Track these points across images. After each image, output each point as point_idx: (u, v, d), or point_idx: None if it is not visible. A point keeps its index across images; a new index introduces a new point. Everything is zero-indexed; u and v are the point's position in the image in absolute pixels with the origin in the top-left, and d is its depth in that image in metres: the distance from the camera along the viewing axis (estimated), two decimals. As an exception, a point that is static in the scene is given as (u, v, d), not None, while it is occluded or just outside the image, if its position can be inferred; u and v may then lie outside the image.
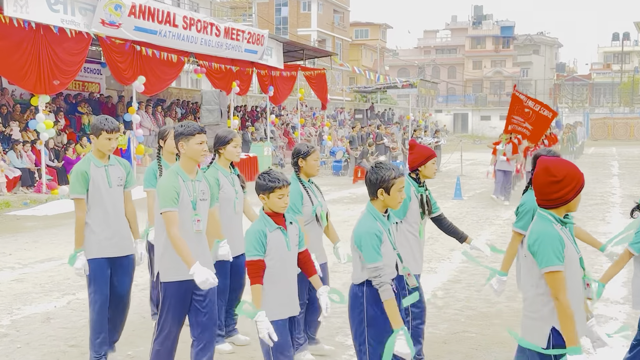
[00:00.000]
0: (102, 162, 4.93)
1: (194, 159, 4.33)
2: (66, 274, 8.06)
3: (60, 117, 18.58)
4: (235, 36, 21.48)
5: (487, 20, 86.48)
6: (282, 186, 3.97)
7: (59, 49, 15.20)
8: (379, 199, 3.82)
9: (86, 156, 4.99)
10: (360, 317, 3.80)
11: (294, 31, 55.30)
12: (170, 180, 4.25)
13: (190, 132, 4.28)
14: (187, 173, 4.34)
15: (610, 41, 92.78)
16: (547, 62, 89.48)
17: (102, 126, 4.83)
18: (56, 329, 5.93)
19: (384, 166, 3.86)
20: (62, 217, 13.02)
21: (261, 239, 3.93)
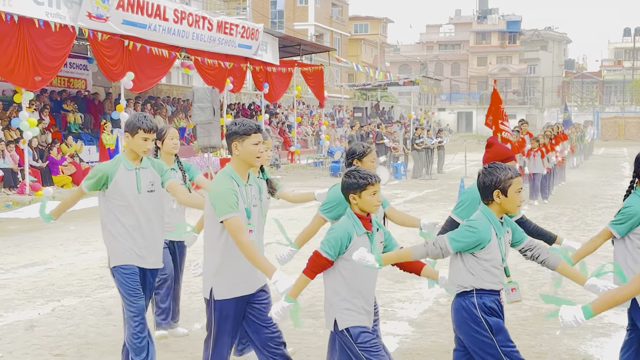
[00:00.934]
0: (134, 165, 4.66)
1: (247, 161, 4.07)
2: (50, 279, 8.06)
3: (44, 114, 18.58)
4: (228, 30, 21.49)
5: (493, 15, 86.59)
6: (375, 182, 3.88)
7: (41, 43, 15.16)
8: (495, 202, 3.74)
9: (117, 157, 4.71)
10: (483, 332, 3.70)
11: (290, 25, 55.30)
12: (227, 184, 3.99)
13: (246, 132, 4.01)
14: (241, 177, 4.10)
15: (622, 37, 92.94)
16: (556, 58, 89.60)
17: (139, 124, 4.55)
18: (40, 338, 5.92)
19: (498, 166, 3.77)
20: (46, 220, 12.99)
21: (344, 241, 3.80)
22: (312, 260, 3.83)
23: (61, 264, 8.95)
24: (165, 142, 5.63)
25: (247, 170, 4.13)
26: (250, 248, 3.89)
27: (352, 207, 3.91)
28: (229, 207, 3.89)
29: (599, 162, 30.23)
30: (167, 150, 5.66)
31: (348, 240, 3.79)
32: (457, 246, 3.73)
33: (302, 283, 3.82)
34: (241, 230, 3.90)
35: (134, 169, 4.63)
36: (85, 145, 19.35)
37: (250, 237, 4.01)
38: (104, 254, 9.62)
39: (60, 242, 10.63)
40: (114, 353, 5.49)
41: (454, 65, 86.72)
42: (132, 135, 4.57)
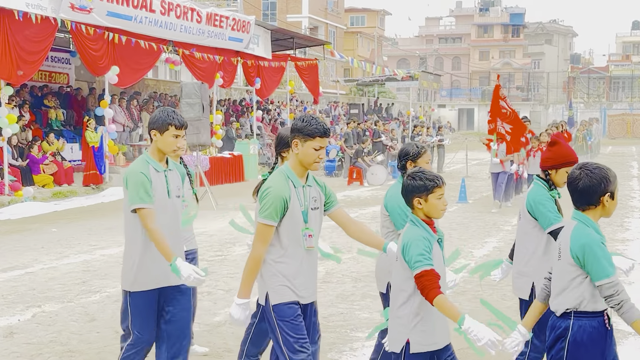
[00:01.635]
0: (162, 166, 4.38)
1: (305, 163, 3.95)
2: (31, 284, 8.04)
3: (25, 111, 18.51)
4: (218, 23, 21.46)
5: (495, 7, 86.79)
6: (442, 184, 3.77)
7: (21, 36, 15.07)
8: (599, 207, 3.62)
9: (142, 158, 4.40)
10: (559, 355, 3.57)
11: (283, 18, 55.29)
12: (281, 188, 3.89)
13: (310, 134, 3.87)
14: (299, 177, 3.99)
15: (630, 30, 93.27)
16: (561, 52, 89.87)
17: (169, 120, 4.28)
18: (20, 345, 5.90)
19: (601, 166, 3.69)
20: (26, 222, 12.97)
21: (430, 248, 3.64)
22: (425, 284, 3.53)
23: (42, 268, 8.93)
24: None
25: (305, 171, 4.01)
26: (256, 260, 4.01)
27: (416, 213, 3.77)
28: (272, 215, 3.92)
29: (606, 162, 30.20)
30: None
31: (431, 251, 3.67)
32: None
33: (446, 303, 3.53)
34: (266, 240, 3.96)
35: (162, 170, 4.36)
36: (68, 143, 19.30)
37: (310, 243, 3.98)
38: (86, 257, 9.63)
39: (42, 244, 10.61)
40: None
41: (455, 59, 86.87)
42: (161, 132, 4.29)
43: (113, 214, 14.18)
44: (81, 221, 13.15)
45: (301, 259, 3.98)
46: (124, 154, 20.04)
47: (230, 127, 24.94)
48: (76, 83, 22.88)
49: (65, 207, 15.03)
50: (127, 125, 21.10)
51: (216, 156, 20.55)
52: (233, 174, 21.00)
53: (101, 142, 17.76)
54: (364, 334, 6.20)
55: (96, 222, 13.04)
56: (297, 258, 3.96)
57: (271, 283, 3.99)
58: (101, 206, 15.45)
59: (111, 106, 18.76)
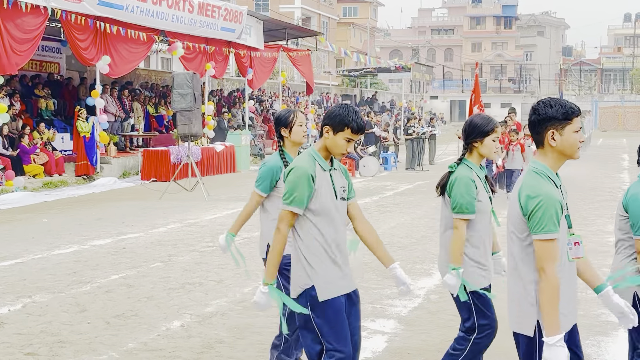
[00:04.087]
0: (328, 165, 3.91)
1: (568, 154, 3.37)
2: (21, 274, 8.02)
3: (15, 100, 18.41)
4: (210, 13, 21.39)
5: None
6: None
7: (11, 25, 15.00)
8: None
9: (308, 152, 3.92)
10: None
11: (276, 8, 55.12)
12: (554, 195, 3.25)
13: (567, 116, 3.33)
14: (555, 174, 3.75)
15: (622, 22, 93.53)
16: (553, 44, 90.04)
17: (348, 121, 3.80)
18: (10, 335, 5.89)
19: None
20: (17, 212, 12.93)
21: None
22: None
23: (33, 258, 8.91)
24: (293, 130, 4.78)
25: (560, 167, 3.46)
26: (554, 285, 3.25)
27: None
28: (552, 225, 3.19)
29: (598, 154, 30.42)
30: (296, 140, 4.79)
31: None
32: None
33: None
34: (554, 258, 3.28)
35: (328, 169, 3.90)
36: (59, 133, 19.24)
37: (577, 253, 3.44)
38: (77, 247, 9.62)
39: (32, 234, 10.58)
40: (88, 352, 5.48)
41: (447, 51, 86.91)
42: (335, 131, 3.82)
43: (104, 204, 14.16)
44: (72, 211, 13.12)
45: (564, 277, 3.48)
46: (115, 144, 19.97)
47: (222, 118, 24.89)
48: (67, 72, 22.77)
49: (55, 198, 14.99)
50: (118, 115, 21.02)
51: (208, 147, 20.51)
52: (225, 165, 20.97)
53: (92, 132, 17.70)
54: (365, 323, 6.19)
55: (87, 212, 13.02)
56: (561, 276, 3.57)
57: None
58: (92, 196, 15.41)
59: (102, 96, 18.68)
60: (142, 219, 12.19)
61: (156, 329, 6.09)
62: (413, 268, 8.42)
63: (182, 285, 7.57)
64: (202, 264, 8.66)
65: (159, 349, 5.58)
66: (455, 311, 6.68)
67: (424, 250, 9.49)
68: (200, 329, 6.08)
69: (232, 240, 5.06)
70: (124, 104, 21.88)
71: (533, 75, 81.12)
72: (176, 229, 11.25)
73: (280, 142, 4.83)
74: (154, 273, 8.14)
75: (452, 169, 4.32)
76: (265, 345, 5.66)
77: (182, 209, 13.41)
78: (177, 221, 11.94)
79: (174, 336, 5.89)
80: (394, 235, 10.62)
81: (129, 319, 6.37)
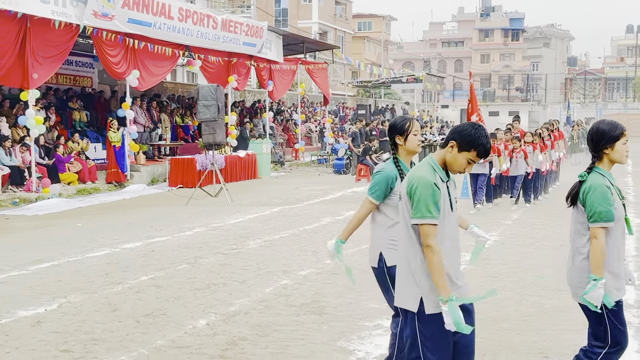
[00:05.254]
0: (445, 176, 3.71)
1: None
2: (57, 276, 8.07)
3: (51, 112, 18.61)
4: (233, 29, 21.48)
5: (496, 12, 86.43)
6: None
7: (40, 40, 15.06)
8: None
9: (428, 163, 3.70)
10: None
11: (294, 23, 55.24)
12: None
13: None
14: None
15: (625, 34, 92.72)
16: (558, 55, 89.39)
17: (476, 145, 3.59)
18: (47, 334, 5.93)
19: None
20: (53, 217, 13.03)
21: None
22: None
23: (68, 261, 8.96)
24: (409, 138, 4.49)
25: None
26: None
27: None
28: None
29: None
30: (411, 148, 4.51)
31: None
32: None
33: None
34: None
35: (446, 181, 3.70)
36: (92, 143, 19.39)
37: None
38: (109, 250, 9.67)
39: (67, 239, 10.65)
40: (120, 349, 5.50)
41: (457, 62, 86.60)
42: (460, 149, 3.61)
43: (134, 209, 14.23)
44: (104, 217, 13.20)
45: None
46: (144, 153, 20.09)
47: (244, 128, 24.96)
48: (99, 86, 22.96)
49: (89, 204, 15.09)
50: (147, 125, 21.15)
51: (231, 155, 20.57)
52: (247, 172, 21.02)
53: (122, 141, 17.81)
54: (371, 323, 6.20)
55: (118, 217, 13.09)
56: None
57: None
58: (122, 202, 15.49)
59: (132, 108, 18.81)
60: (170, 223, 12.24)
61: (183, 327, 6.10)
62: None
63: (207, 286, 7.59)
64: (226, 265, 8.67)
65: (185, 346, 5.59)
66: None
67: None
68: (225, 327, 6.09)
69: (341, 247, 4.66)
70: (152, 115, 22.00)
71: (539, 85, 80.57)
72: (202, 232, 11.28)
73: (394, 150, 4.53)
74: (181, 274, 8.16)
75: (583, 178, 4.00)
76: (286, 342, 5.66)
77: (207, 213, 13.45)
78: (203, 225, 11.96)
79: (200, 334, 5.90)
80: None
81: (158, 317, 6.39)
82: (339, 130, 32.82)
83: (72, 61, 21.31)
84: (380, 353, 5.40)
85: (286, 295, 7.17)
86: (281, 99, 32.74)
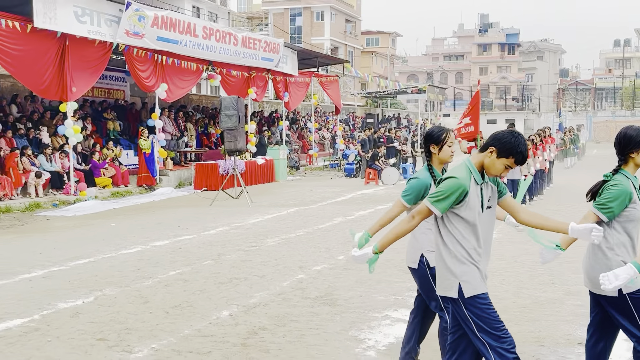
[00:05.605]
0: (481, 178, 3.62)
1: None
2: (93, 271, 8.12)
3: (87, 122, 18.73)
4: (252, 45, 21.53)
5: (493, 28, 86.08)
6: None
7: (80, 57, 15.16)
8: None
9: (466, 165, 3.63)
10: None
11: (308, 40, 55.30)
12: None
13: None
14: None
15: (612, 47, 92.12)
16: (551, 67, 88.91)
17: (514, 152, 3.51)
18: (84, 324, 5.96)
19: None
20: (89, 218, 13.11)
21: None
22: None
23: (103, 257, 9.01)
24: (443, 149, 4.39)
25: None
26: None
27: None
28: None
29: (592, 163, 29.89)
30: (444, 158, 4.44)
31: None
32: None
33: None
34: None
35: (480, 183, 3.62)
36: (124, 150, 19.49)
37: None
38: (140, 248, 9.70)
39: (102, 237, 10.71)
40: (150, 337, 5.52)
41: (458, 74, 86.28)
42: (499, 155, 3.54)
43: (162, 210, 14.28)
44: (135, 217, 13.25)
45: None
46: (172, 159, 20.17)
47: (263, 135, 25.00)
48: (131, 98, 23.08)
49: (122, 205, 15.16)
50: (174, 134, 21.23)
51: (251, 160, 20.60)
52: (265, 176, 21.04)
53: (152, 148, 17.88)
54: (380, 314, 6.18)
55: (148, 217, 13.14)
56: None
57: None
58: (152, 204, 15.55)
59: (161, 118, 18.89)
60: (195, 222, 12.27)
61: (208, 317, 6.12)
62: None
63: (229, 280, 7.60)
64: (247, 261, 8.68)
65: (210, 335, 5.60)
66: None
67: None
68: (246, 318, 6.09)
69: (367, 241, 4.42)
70: (179, 124, 22.09)
71: (534, 95, 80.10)
72: (224, 231, 11.29)
73: (428, 158, 4.40)
74: (205, 269, 8.18)
75: (608, 177, 3.90)
76: (302, 331, 5.66)
77: (229, 214, 13.47)
78: (225, 224, 11.98)
79: (223, 324, 5.90)
80: (413, 235, 10.55)
81: (185, 309, 6.41)
82: (349, 137, 32.79)
83: (107, 76, 21.46)
84: (388, 342, 5.39)
85: (302, 289, 7.17)
86: (296, 109, 32.77)
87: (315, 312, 6.25)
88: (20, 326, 5.87)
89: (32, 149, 15.91)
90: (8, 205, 13.84)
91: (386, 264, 8.23)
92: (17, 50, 13.73)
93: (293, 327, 5.80)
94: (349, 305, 6.49)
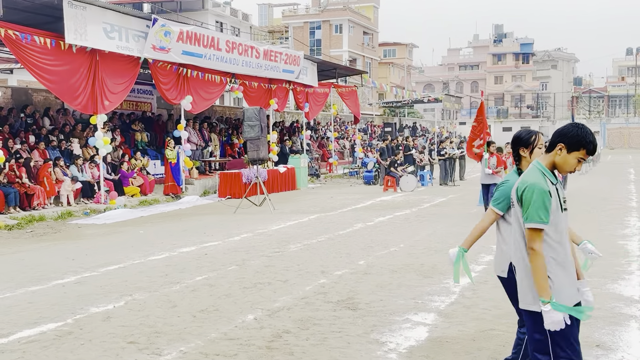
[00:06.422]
0: (554, 179, 3.44)
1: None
2: (124, 276, 8.17)
3: (116, 134, 18.91)
4: (273, 58, 21.63)
5: (508, 38, 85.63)
6: None
7: (110, 71, 15.34)
8: None
9: (536, 168, 3.45)
10: None
11: (327, 52, 55.44)
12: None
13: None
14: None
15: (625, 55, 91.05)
16: (565, 76, 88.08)
17: (585, 143, 3.35)
18: (115, 327, 6.00)
19: None
20: (119, 225, 13.21)
21: None
22: None
23: (132, 263, 9.06)
24: (534, 152, 4.22)
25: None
26: None
27: None
28: None
29: (607, 169, 29.54)
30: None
31: None
32: None
33: None
34: None
35: (555, 183, 3.43)
36: (152, 160, 19.63)
37: None
38: (168, 254, 9.75)
39: (131, 244, 10.78)
40: (179, 340, 5.54)
41: (473, 84, 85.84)
42: (569, 150, 3.37)
43: (188, 218, 14.35)
44: (163, 224, 13.33)
45: None
46: (197, 168, 20.29)
47: (284, 145, 25.05)
48: (158, 110, 23.27)
49: (150, 213, 15.26)
50: (199, 144, 21.35)
51: (273, 169, 20.65)
52: (287, 184, 21.07)
53: (178, 158, 18.00)
54: (401, 317, 6.14)
55: (175, 225, 13.20)
56: None
57: None
58: (179, 212, 15.64)
59: (186, 129, 19.03)
60: (220, 229, 12.31)
61: (234, 321, 6.12)
62: (449, 269, 8.28)
63: (254, 285, 7.60)
64: (270, 266, 8.69)
65: (236, 338, 5.60)
66: (486, 304, 6.56)
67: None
68: (270, 321, 6.09)
69: (463, 255, 4.34)
70: (204, 135, 22.22)
71: (548, 102, 79.42)
72: (248, 237, 11.31)
73: (517, 162, 4.21)
74: (230, 275, 8.19)
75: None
76: (325, 334, 5.64)
77: (253, 221, 13.50)
78: (249, 231, 12.00)
79: (249, 327, 5.91)
80: (431, 240, 10.48)
81: (211, 313, 6.42)
82: (368, 145, 32.75)
83: (134, 89, 21.65)
84: (409, 344, 5.35)
85: (324, 293, 7.15)
86: (316, 119, 32.81)
87: (338, 316, 6.23)
88: (54, 330, 5.93)
89: (64, 160, 16.10)
90: (42, 214, 14.01)
91: (405, 268, 8.19)
92: (53, 66, 13.96)
93: (316, 331, 5.78)
94: (370, 309, 6.46)
